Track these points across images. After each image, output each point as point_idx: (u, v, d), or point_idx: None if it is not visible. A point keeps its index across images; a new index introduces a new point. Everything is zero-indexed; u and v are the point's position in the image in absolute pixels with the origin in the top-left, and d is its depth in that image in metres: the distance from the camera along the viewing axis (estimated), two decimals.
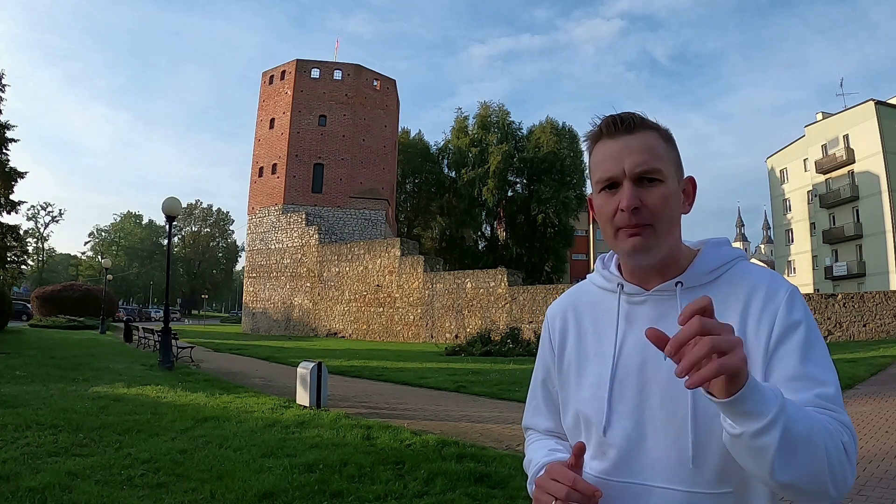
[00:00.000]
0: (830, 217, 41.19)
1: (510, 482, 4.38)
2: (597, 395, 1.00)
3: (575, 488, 0.89)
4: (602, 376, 1.01)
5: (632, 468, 0.96)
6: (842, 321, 18.94)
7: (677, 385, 0.93)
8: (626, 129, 0.98)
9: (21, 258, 27.26)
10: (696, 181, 1.05)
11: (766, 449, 0.76)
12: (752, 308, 0.95)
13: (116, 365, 12.92)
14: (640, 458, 0.95)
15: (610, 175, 0.98)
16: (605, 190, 0.99)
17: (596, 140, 1.02)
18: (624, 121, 0.99)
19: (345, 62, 39.59)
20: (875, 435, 5.98)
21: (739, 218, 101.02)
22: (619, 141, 0.98)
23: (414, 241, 33.84)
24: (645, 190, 0.96)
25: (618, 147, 0.98)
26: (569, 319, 1.12)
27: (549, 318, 1.17)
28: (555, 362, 1.12)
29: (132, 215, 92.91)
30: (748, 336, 0.94)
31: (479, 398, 9.41)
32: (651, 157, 0.97)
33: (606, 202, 0.99)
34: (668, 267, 1.01)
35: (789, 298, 0.94)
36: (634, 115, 1.00)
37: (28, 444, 5.32)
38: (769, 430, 0.75)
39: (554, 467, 0.94)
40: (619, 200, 0.96)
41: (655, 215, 0.96)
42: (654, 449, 0.95)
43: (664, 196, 0.96)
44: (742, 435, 0.77)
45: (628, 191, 0.95)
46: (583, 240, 56.64)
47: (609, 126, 1.00)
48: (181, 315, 72.21)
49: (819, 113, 42.66)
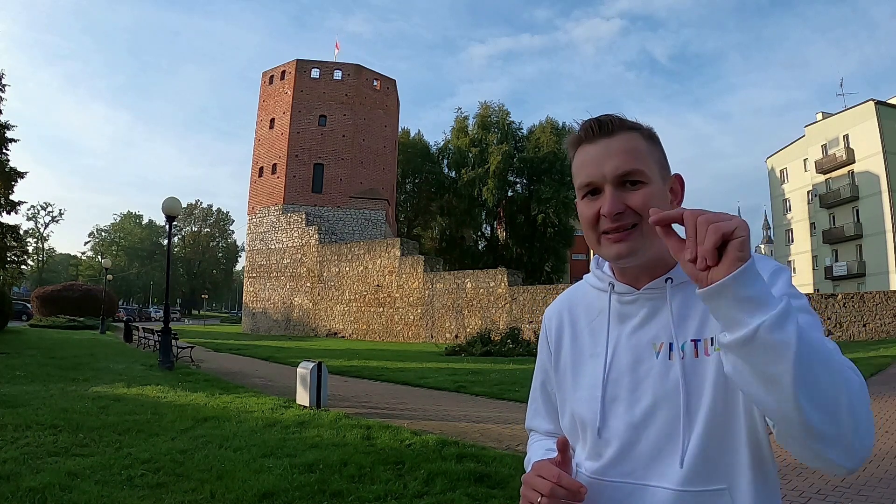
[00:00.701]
0: (830, 217, 41.19)
1: (510, 482, 4.38)
2: (591, 395, 1.01)
3: (559, 484, 0.89)
4: (596, 377, 1.01)
5: (626, 467, 0.96)
6: (842, 321, 18.94)
7: (670, 383, 0.94)
8: (605, 133, 0.97)
9: (21, 258, 27.27)
10: (683, 179, 1.04)
11: (785, 350, 0.68)
12: None
13: (116, 365, 12.92)
14: (634, 457, 0.95)
15: (591, 180, 0.96)
16: (588, 196, 0.98)
17: (576, 146, 1.01)
18: (602, 124, 0.97)
19: (345, 62, 39.63)
20: (875, 435, 5.97)
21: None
22: (598, 145, 0.97)
23: (414, 241, 33.84)
24: (628, 193, 0.95)
25: (597, 151, 0.97)
26: (564, 321, 1.12)
27: (546, 320, 1.17)
28: (552, 364, 1.12)
29: (132, 215, 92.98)
30: None
31: (479, 398, 9.41)
32: (632, 159, 0.95)
33: (588, 207, 0.98)
34: (658, 265, 1.01)
35: (773, 274, 0.91)
36: (613, 117, 0.98)
37: (28, 444, 5.32)
38: (784, 321, 0.68)
39: (540, 464, 0.94)
40: (600, 205, 0.96)
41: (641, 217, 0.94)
42: (647, 448, 0.95)
43: (648, 196, 0.95)
44: (757, 332, 0.68)
45: (610, 196, 0.94)
46: (583, 240, 55.95)
47: (587, 130, 0.98)
48: (181, 315, 72.20)
49: (819, 113, 42.68)
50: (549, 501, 0.89)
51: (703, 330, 0.95)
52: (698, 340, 0.94)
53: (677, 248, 0.77)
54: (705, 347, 0.94)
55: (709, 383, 0.92)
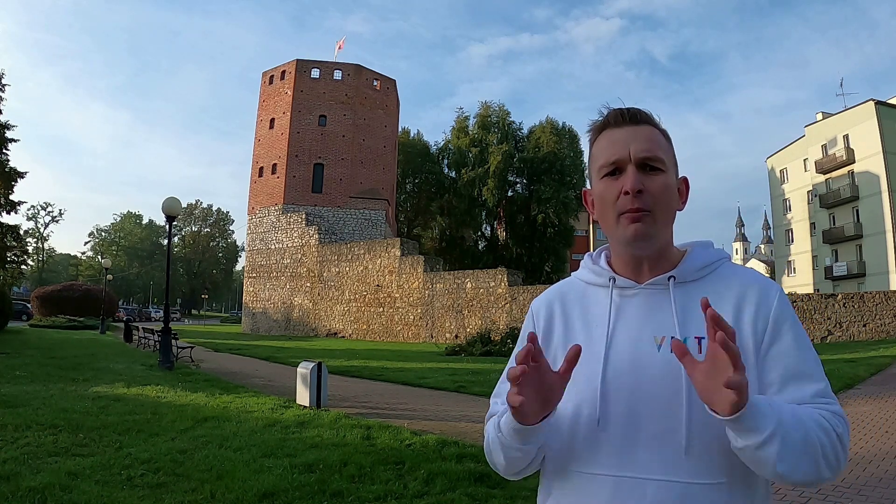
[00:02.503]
0: (830, 217, 41.18)
1: (510, 482, 4.37)
2: (589, 387, 0.99)
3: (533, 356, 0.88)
4: (593, 369, 1.00)
5: (625, 461, 0.95)
6: (842, 321, 18.93)
7: (671, 376, 0.95)
8: (633, 121, 1.03)
9: (21, 258, 27.22)
10: (689, 182, 1.09)
11: (768, 458, 0.84)
12: (747, 304, 0.99)
13: (116, 365, 12.91)
14: (634, 451, 0.95)
15: (616, 158, 1.01)
16: (608, 176, 1.02)
17: (601, 130, 1.06)
18: (631, 112, 1.03)
19: (345, 62, 39.61)
20: (875, 435, 5.97)
21: (739, 218, 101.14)
22: (625, 130, 1.02)
23: (414, 241, 33.84)
24: (647, 177, 0.99)
25: (624, 134, 1.02)
26: (555, 311, 1.11)
27: (534, 309, 1.15)
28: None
29: (132, 215, 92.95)
30: (743, 329, 0.97)
31: (479, 398, 9.40)
32: (655, 146, 1.01)
33: (609, 187, 1.01)
34: (661, 261, 1.04)
35: (780, 299, 1.00)
36: (641, 110, 1.05)
37: (28, 444, 5.32)
38: (769, 442, 0.83)
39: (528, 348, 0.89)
40: (622, 185, 0.99)
41: (656, 202, 0.99)
42: (648, 441, 0.94)
43: (666, 185, 1.00)
44: (745, 448, 0.85)
45: (632, 174, 0.99)
46: (583, 240, 56.64)
47: (616, 116, 1.04)
48: (181, 315, 72.18)
49: (819, 113, 42.67)
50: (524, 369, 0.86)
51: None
52: (703, 338, 0.95)
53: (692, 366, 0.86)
54: None
55: None
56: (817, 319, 19.03)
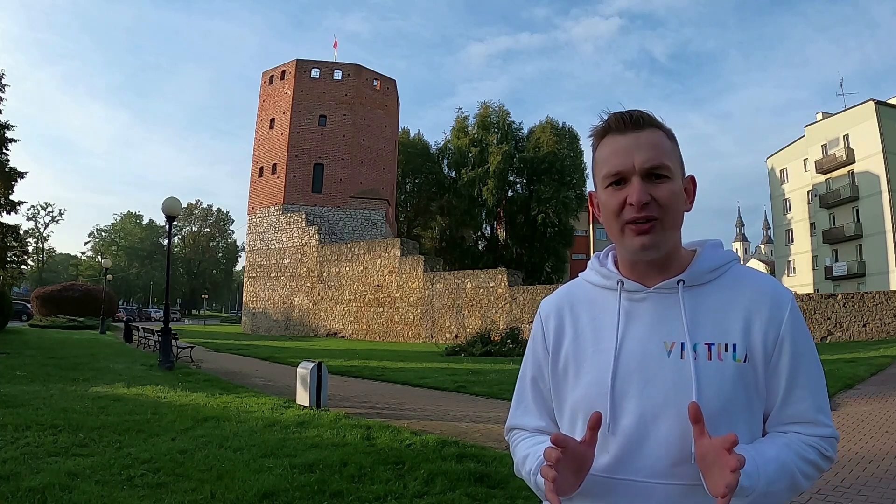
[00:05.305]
0: (830, 217, 41.17)
1: (510, 482, 4.37)
2: (599, 391, 0.99)
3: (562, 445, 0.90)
4: (603, 373, 1.00)
5: (634, 464, 0.96)
6: (842, 321, 18.93)
7: (680, 380, 0.95)
8: (635, 126, 0.99)
9: (21, 258, 27.18)
10: (696, 180, 1.06)
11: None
12: (758, 316, 0.98)
13: (116, 365, 12.91)
14: (643, 454, 0.95)
15: (619, 170, 0.98)
16: (612, 185, 1.00)
17: (603, 135, 1.03)
18: (633, 117, 1.00)
19: (345, 62, 39.62)
20: (875, 435, 5.97)
21: (739, 218, 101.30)
22: (628, 137, 0.99)
23: (414, 241, 33.82)
24: (653, 185, 0.97)
25: (627, 142, 0.99)
26: (565, 318, 1.10)
27: (543, 316, 1.15)
28: (548, 361, 1.10)
29: (132, 215, 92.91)
30: (752, 336, 0.97)
31: (479, 398, 9.40)
32: (660, 154, 0.98)
33: (613, 197, 0.99)
34: (669, 264, 1.02)
35: (791, 310, 1.00)
36: (643, 112, 1.01)
37: (28, 444, 5.32)
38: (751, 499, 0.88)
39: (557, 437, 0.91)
40: (626, 195, 0.97)
41: (663, 210, 0.97)
42: (657, 444, 0.95)
43: (672, 192, 0.98)
44: None
45: (638, 186, 0.96)
46: (583, 240, 56.67)
47: (618, 121, 1.01)
48: (181, 315, 72.18)
49: (819, 113, 42.63)
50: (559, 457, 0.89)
51: (718, 335, 0.97)
52: (712, 344, 0.96)
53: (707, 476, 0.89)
54: (719, 352, 0.96)
55: (720, 385, 0.94)
56: (817, 319, 19.03)
